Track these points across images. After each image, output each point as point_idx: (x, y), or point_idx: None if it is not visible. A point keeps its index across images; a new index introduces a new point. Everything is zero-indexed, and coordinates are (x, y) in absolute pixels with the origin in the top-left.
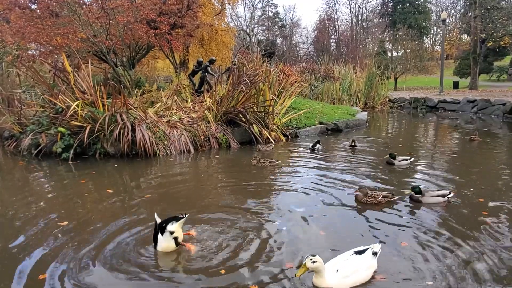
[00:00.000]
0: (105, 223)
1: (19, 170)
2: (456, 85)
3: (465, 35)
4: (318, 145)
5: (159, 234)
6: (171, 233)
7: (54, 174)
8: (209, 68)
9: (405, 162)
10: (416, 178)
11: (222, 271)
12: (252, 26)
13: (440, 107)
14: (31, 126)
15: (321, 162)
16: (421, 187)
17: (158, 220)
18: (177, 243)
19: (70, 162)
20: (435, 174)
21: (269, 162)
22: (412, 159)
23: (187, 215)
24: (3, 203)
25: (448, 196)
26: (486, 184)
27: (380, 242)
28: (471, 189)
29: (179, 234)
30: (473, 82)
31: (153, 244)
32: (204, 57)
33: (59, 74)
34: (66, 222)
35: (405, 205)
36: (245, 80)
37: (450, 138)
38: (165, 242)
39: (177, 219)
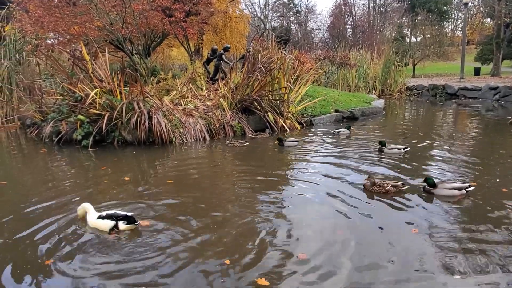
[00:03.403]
0: (123, 209)
1: (41, 156)
2: (477, 72)
3: (488, 19)
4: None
5: (104, 219)
6: (116, 227)
7: (75, 161)
8: (223, 56)
9: (396, 150)
10: (436, 167)
11: (227, 261)
12: (267, 13)
13: (460, 94)
14: (51, 114)
15: (335, 149)
16: (434, 179)
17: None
18: (110, 232)
19: (89, 149)
20: (455, 162)
21: (239, 143)
22: (409, 148)
23: (137, 223)
24: (26, 188)
25: (466, 190)
26: (510, 173)
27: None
28: (497, 180)
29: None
30: (495, 68)
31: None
32: (219, 44)
33: (78, 63)
34: None
35: (417, 196)
36: (260, 67)
37: (471, 126)
38: (97, 225)
39: (131, 222)
